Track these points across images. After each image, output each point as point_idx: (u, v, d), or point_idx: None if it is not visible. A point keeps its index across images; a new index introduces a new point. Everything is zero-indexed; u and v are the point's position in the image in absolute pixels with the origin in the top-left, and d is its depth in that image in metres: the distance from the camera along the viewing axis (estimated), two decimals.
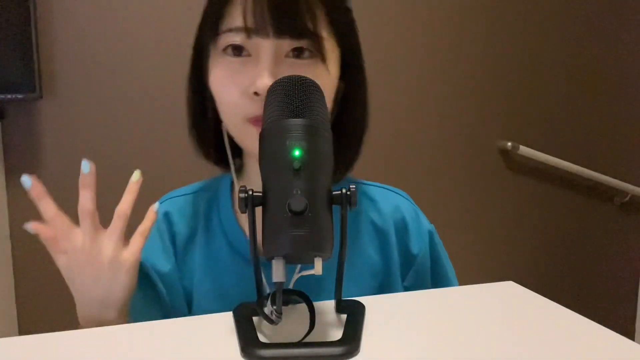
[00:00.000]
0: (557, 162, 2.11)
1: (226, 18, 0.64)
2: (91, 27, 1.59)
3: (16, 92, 1.45)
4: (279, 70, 0.62)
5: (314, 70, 0.64)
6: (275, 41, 0.63)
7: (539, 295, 0.65)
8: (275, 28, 0.62)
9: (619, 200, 2.29)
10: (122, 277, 0.63)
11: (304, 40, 0.63)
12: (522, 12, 2.04)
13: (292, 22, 0.62)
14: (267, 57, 0.63)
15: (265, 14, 0.62)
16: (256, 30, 0.62)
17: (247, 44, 0.64)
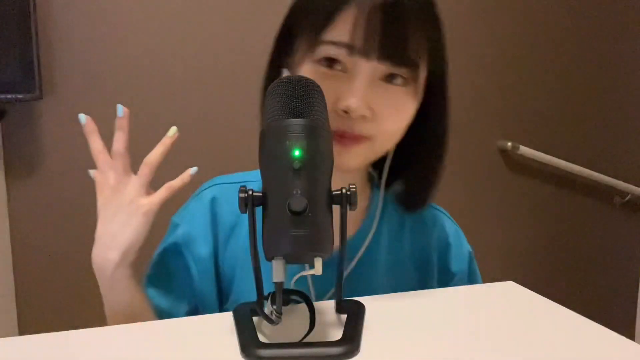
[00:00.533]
0: (557, 162, 2.11)
1: (332, 29, 0.63)
2: (91, 27, 1.58)
3: (16, 92, 1.45)
4: (371, 92, 0.63)
5: (403, 97, 0.65)
6: (375, 64, 0.62)
7: (539, 295, 0.65)
8: (380, 52, 0.62)
9: (619, 200, 2.29)
10: (135, 220, 0.65)
11: (403, 68, 0.63)
12: (522, 12, 2.04)
13: (397, 48, 0.62)
14: (364, 78, 0.63)
15: (374, 36, 0.61)
16: (361, 50, 0.62)
17: (345, 60, 0.63)
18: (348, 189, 0.51)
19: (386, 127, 0.65)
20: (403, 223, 0.79)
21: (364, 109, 0.62)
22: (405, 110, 0.66)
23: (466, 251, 0.82)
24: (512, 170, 2.13)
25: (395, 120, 0.66)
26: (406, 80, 0.65)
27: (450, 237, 0.81)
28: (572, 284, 2.28)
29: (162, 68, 1.65)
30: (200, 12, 1.64)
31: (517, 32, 2.05)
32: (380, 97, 0.63)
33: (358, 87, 0.62)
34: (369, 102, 0.63)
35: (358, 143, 0.65)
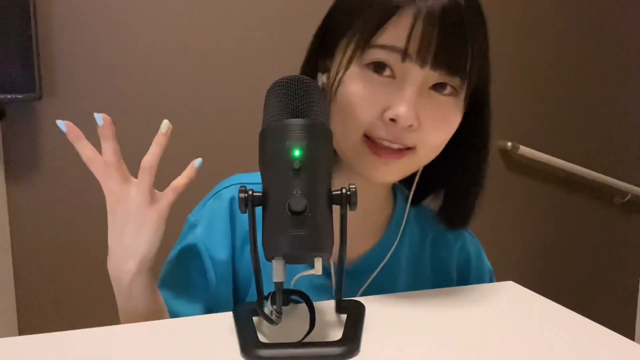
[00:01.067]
0: (557, 162, 2.11)
1: (384, 33, 0.60)
2: (91, 27, 1.58)
3: (16, 92, 1.45)
4: (420, 101, 0.61)
5: (450, 108, 0.63)
6: (427, 72, 0.60)
7: (539, 295, 0.65)
8: (435, 60, 0.59)
9: (619, 200, 2.29)
10: (146, 230, 0.61)
11: (455, 78, 0.61)
12: (522, 12, 2.04)
13: (452, 57, 0.60)
14: (415, 85, 0.60)
15: (431, 44, 0.58)
16: (416, 57, 0.59)
17: (395, 65, 0.61)
18: (348, 189, 0.51)
19: (431, 139, 0.63)
20: (424, 236, 0.78)
21: (412, 119, 0.60)
22: (451, 122, 0.64)
23: (487, 270, 0.81)
24: (512, 170, 2.13)
25: (441, 132, 0.64)
26: (455, 91, 0.63)
27: (472, 255, 0.79)
28: (572, 284, 2.28)
29: (163, 68, 1.65)
30: (201, 12, 1.64)
31: (517, 32, 2.05)
32: (428, 106, 0.61)
33: (409, 95, 0.60)
34: (417, 111, 0.61)
35: (400, 156, 0.63)
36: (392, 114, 0.60)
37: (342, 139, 0.64)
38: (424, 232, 0.78)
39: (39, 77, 1.47)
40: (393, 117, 0.60)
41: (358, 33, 0.62)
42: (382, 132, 0.62)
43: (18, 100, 1.46)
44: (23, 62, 1.44)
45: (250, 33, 1.69)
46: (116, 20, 1.59)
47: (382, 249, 0.74)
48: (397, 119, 0.60)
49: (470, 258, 0.79)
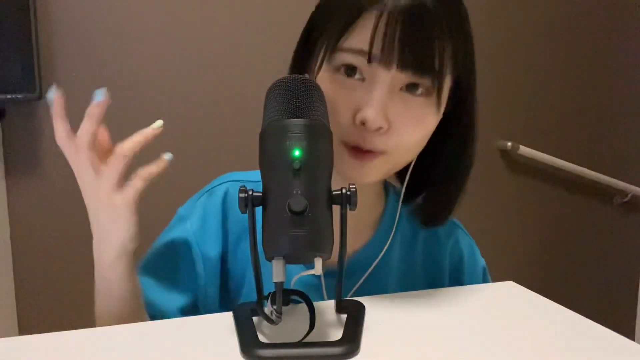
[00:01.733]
0: (557, 162, 2.11)
1: (351, 36, 0.60)
2: (91, 27, 1.58)
3: (16, 92, 1.45)
4: (390, 103, 0.60)
5: (423, 108, 0.62)
6: (395, 73, 0.59)
7: (539, 295, 0.65)
8: (401, 60, 0.58)
9: (619, 200, 2.29)
10: (118, 219, 0.60)
11: (425, 78, 0.60)
12: (522, 12, 2.04)
13: (419, 57, 0.59)
14: (383, 87, 0.60)
15: (395, 44, 0.58)
16: (379, 58, 0.59)
17: (363, 68, 0.60)
18: (348, 189, 0.51)
19: (403, 140, 0.62)
20: (416, 234, 0.77)
21: (381, 121, 0.59)
22: (424, 122, 0.63)
23: (480, 267, 0.81)
24: (512, 170, 2.13)
25: (412, 133, 0.63)
26: (428, 91, 0.62)
27: (464, 251, 0.79)
28: (572, 284, 2.28)
29: (163, 68, 1.65)
30: (201, 12, 1.64)
31: (517, 32, 2.05)
32: (399, 108, 0.61)
33: (376, 98, 0.59)
34: (387, 113, 0.60)
35: (373, 158, 0.63)
36: (361, 116, 0.60)
37: None
38: (415, 230, 0.77)
39: (39, 77, 1.47)
40: (362, 120, 0.60)
41: (327, 37, 0.62)
42: (354, 136, 0.61)
43: (18, 100, 1.46)
44: (23, 62, 1.44)
45: (251, 33, 1.69)
46: (116, 20, 1.59)
47: (373, 248, 0.73)
48: (365, 122, 0.60)
49: (463, 255, 0.79)
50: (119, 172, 0.59)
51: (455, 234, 0.79)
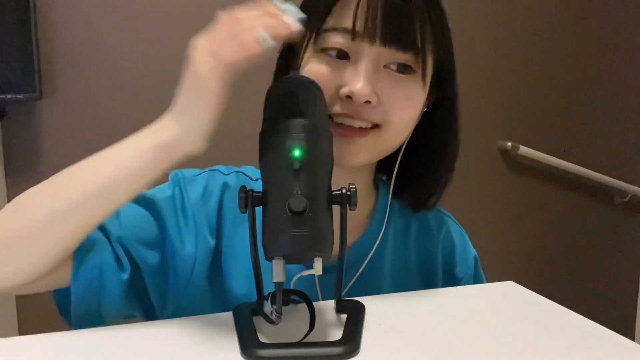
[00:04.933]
0: (557, 162, 2.11)
1: (333, 17, 0.62)
2: (91, 27, 1.58)
3: (16, 92, 1.45)
4: (376, 78, 0.61)
5: (410, 86, 0.64)
6: (378, 49, 0.61)
7: (539, 295, 0.65)
8: (383, 36, 0.60)
9: (619, 200, 2.29)
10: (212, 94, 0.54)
11: (408, 53, 0.62)
12: (522, 12, 2.04)
13: (401, 33, 0.61)
14: (367, 63, 0.61)
15: (377, 20, 0.60)
16: (363, 34, 0.61)
17: (348, 46, 0.62)
18: (348, 189, 0.52)
19: (394, 116, 0.63)
20: (408, 227, 0.78)
21: (369, 94, 0.61)
22: (413, 99, 0.65)
23: (471, 255, 0.81)
24: (512, 170, 2.13)
25: (403, 109, 0.64)
26: (413, 69, 0.63)
27: (456, 241, 0.80)
28: (572, 284, 2.28)
29: (163, 68, 1.65)
30: (201, 12, 1.64)
31: (517, 32, 2.05)
32: (386, 83, 0.62)
33: (363, 72, 0.61)
34: (375, 88, 0.61)
35: (362, 135, 0.63)
36: (347, 90, 0.61)
37: None
38: (407, 224, 0.78)
39: (39, 77, 1.47)
40: (348, 94, 0.61)
41: (312, 19, 0.63)
42: (342, 109, 0.62)
43: (18, 100, 1.46)
44: (23, 62, 1.44)
45: None
46: (116, 20, 1.59)
47: (365, 243, 0.73)
48: (352, 95, 0.61)
49: (455, 244, 0.79)
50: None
51: (446, 224, 0.80)
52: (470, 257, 0.81)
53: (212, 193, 0.69)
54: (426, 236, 0.79)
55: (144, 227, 0.64)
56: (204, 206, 0.68)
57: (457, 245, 0.80)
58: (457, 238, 0.80)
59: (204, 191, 0.69)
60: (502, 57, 2.05)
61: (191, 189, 0.68)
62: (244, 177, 0.73)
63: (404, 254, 0.77)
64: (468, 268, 0.80)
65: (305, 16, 0.54)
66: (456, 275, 0.78)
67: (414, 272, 0.77)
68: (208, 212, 0.68)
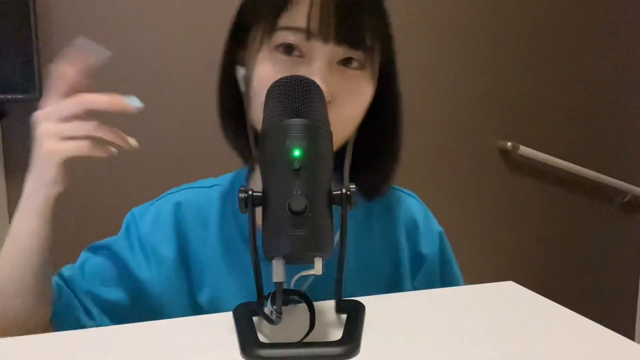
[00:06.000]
0: (557, 162, 2.11)
1: (287, 15, 0.63)
2: (91, 27, 1.58)
3: (16, 92, 1.45)
4: (330, 76, 0.63)
5: (360, 81, 0.66)
6: (332, 47, 0.63)
7: (539, 295, 0.65)
8: (337, 35, 0.62)
9: (619, 200, 2.29)
10: (45, 165, 0.61)
11: (359, 51, 0.64)
12: (522, 12, 2.04)
13: (353, 32, 0.63)
14: (321, 61, 0.63)
15: (330, 20, 0.62)
16: (318, 34, 0.62)
17: (302, 45, 0.63)
18: (348, 189, 0.51)
19: (345, 112, 0.65)
20: (370, 215, 0.78)
21: (325, 92, 0.61)
22: (363, 94, 0.67)
23: (436, 232, 0.81)
24: (512, 170, 2.13)
25: (353, 104, 0.66)
26: (362, 65, 0.65)
27: (418, 218, 0.80)
28: (572, 284, 2.29)
29: (163, 68, 1.65)
30: (201, 12, 1.64)
31: (517, 32, 2.05)
32: (339, 80, 0.64)
33: (318, 70, 0.62)
34: (329, 86, 0.63)
35: None
36: None
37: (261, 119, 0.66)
38: (369, 212, 0.78)
39: (39, 77, 1.47)
40: None
41: (264, 18, 0.65)
42: None
43: (18, 100, 1.46)
44: (23, 62, 1.44)
45: None
46: (116, 21, 1.59)
47: None
48: None
49: (417, 220, 0.80)
50: (67, 112, 0.60)
51: (407, 203, 0.81)
52: (434, 232, 0.81)
53: (164, 216, 0.75)
54: (388, 218, 0.79)
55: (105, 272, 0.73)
56: (159, 229, 0.74)
57: (420, 223, 0.80)
58: (419, 215, 0.80)
59: (156, 217, 0.75)
60: (502, 57, 2.05)
61: (143, 220, 0.75)
62: (197, 189, 0.78)
63: (368, 243, 0.77)
64: (433, 244, 0.80)
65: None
66: (421, 253, 0.78)
67: (379, 258, 0.77)
68: (164, 233, 0.74)
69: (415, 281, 0.79)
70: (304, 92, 0.54)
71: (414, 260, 0.78)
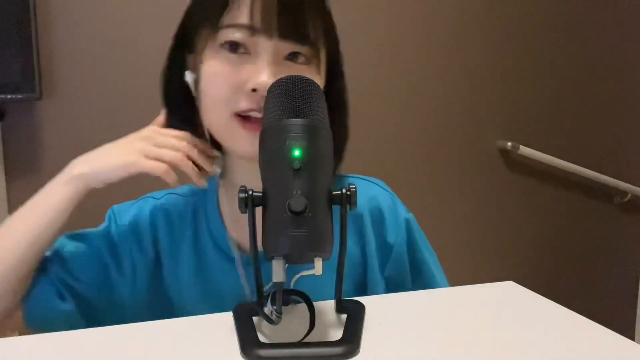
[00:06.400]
0: (557, 162, 2.11)
1: (230, 13, 0.64)
2: (91, 27, 1.58)
3: (16, 92, 1.45)
4: (278, 70, 0.63)
5: (309, 75, 0.64)
6: (277, 42, 0.64)
7: (539, 295, 0.65)
8: (280, 30, 0.63)
9: (619, 200, 2.29)
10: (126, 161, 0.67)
11: (303, 45, 0.65)
12: (522, 12, 2.04)
13: (297, 27, 0.64)
14: (267, 56, 0.64)
15: (272, 15, 0.63)
16: (261, 29, 0.63)
17: (247, 41, 0.64)
18: (348, 188, 0.51)
19: None
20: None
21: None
22: None
23: (402, 219, 0.78)
24: (512, 170, 2.13)
25: None
26: (309, 60, 0.66)
27: (384, 207, 0.78)
28: (572, 284, 2.29)
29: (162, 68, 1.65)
30: None
31: (517, 32, 2.05)
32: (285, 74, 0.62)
33: (264, 65, 0.63)
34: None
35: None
36: (252, 84, 0.63)
37: (213, 120, 0.68)
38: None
39: (39, 77, 1.47)
40: (254, 87, 0.63)
41: (208, 18, 0.65)
42: (247, 103, 0.64)
43: (18, 100, 1.46)
44: (23, 62, 1.44)
45: None
46: (116, 21, 1.59)
47: None
48: (257, 87, 0.62)
49: (382, 208, 0.77)
50: (168, 145, 0.68)
51: (371, 191, 0.79)
52: (401, 219, 0.78)
53: (143, 217, 0.77)
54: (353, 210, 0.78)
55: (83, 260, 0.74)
56: (135, 230, 0.76)
57: (385, 210, 0.78)
58: (385, 203, 0.78)
59: (135, 218, 0.77)
60: (503, 57, 2.05)
61: (121, 219, 0.77)
62: (174, 196, 0.80)
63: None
64: (400, 231, 0.77)
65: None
66: (388, 241, 0.77)
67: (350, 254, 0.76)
68: (140, 233, 0.76)
69: (386, 271, 0.77)
70: (304, 92, 0.54)
71: (381, 250, 0.77)
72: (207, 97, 0.67)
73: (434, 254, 0.82)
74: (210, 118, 0.68)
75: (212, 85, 0.66)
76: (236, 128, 0.65)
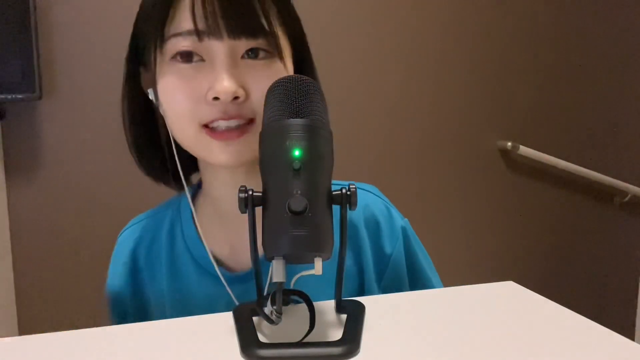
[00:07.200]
0: (557, 162, 2.11)
1: (172, 21, 0.60)
2: (91, 27, 1.59)
3: (16, 92, 1.45)
4: (237, 72, 0.60)
5: (271, 69, 0.62)
6: (230, 42, 0.60)
7: (539, 295, 0.65)
8: (229, 29, 0.59)
9: (619, 200, 2.29)
10: None
11: (259, 39, 0.61)
12: (523, 12, 2.04)
13: (246, 21, 0.60)
14: (223, 59, 0.60)
15: (217, 14, 0.58)
16: (208, 32, 0.59)
17: (198, 49, 0.60)
18: (348, 188, 0.51)
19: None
20: None
21: (235, 89, 0.59)
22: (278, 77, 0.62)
23: (398, 227, 0.75)
24: (512, 170, 2.13)
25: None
26: (270, 53, 0.62)
27: (379, 216, 0.75)
28: (572, 284, 2.29)
29: None
30: None
31: (517, 32, 2.05)
32: (249, 74, 0.61)
33: (221, 70, 0.59)
34: (239, 82, 0.60)
35: (241, 133, 0.62)
36: (213, 92, 0.60)
37: (182, 135, 0.65)
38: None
39: (39, 77, 1.47)
40: (215, 95, 0.60)
41: (152, 32, 0.62)
42: (211, 113, 0.61)
43: (18, 100, 1.46)
44: (23, 62, 1.45)
45: None
46: (116, 20, 1.59)
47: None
48: (219, 95, 0.59)
49: (378, 218, 0.75)
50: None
51: (365, 200, 0.75)
52: (397, 228, 0.75)
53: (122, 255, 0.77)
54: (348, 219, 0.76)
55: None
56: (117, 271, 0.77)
57: (381, 219, 0.75)
58: (380, 212, 0.75)
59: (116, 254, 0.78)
60: (503, 58, 2.05)
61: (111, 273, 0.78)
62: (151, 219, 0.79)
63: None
64: (396, 241, 0.74)
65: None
66: (385, 252, 0.74)
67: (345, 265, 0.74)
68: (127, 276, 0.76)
69: (383, 281, 0.74)
70: (304, 92, 0.54)
71: (378, 261, 0.74)
72: (170, 113, 0.64)
73: (428, 258, 0.79)
74: (179, 134, 0.65)
75: (172, 101, 0.63)
76: (206, 139, 0.62)
